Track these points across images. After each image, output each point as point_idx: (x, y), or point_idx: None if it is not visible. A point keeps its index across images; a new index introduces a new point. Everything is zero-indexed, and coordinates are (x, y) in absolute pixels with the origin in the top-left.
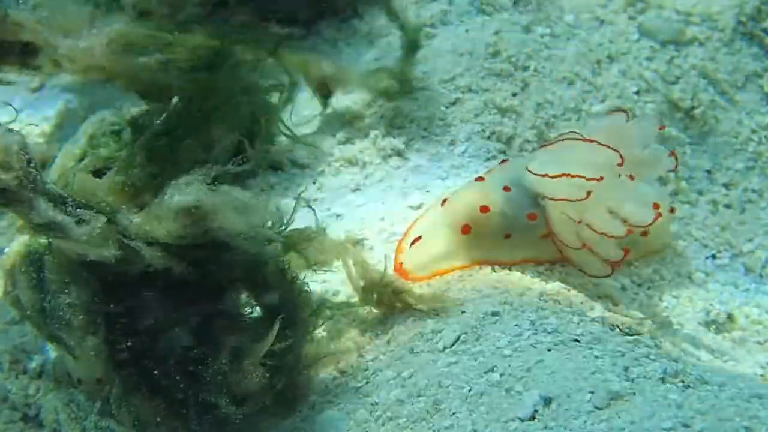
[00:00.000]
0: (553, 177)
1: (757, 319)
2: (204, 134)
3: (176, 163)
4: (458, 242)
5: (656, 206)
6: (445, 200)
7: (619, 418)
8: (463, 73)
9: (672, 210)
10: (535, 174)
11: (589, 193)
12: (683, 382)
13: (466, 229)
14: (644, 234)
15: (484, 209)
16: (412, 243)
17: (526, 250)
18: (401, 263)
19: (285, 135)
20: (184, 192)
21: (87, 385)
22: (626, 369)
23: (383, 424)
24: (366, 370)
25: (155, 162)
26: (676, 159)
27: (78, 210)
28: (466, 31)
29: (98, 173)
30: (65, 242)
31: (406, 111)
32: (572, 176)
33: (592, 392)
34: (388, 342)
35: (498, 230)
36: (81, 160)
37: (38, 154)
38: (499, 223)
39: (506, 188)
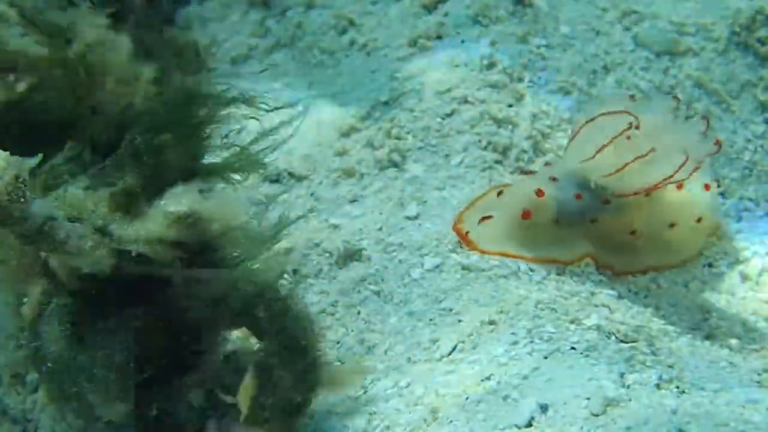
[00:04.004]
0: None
1: (753, 327)
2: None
3: (164, 169)
4: (520, 228)
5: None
6: (500, 192)
7: (614, 423)
8: (459, 84)
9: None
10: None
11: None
12: (678, 387)
13: (526, 214)
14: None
15: (540, 193)
16: (481, 220)
17: (579, 241)
18: (467, 232)
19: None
20: (178, 199)
21: None
22: (622, 375)
23: None
24: (363, 379)
25: (143, 170)
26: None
27: (68, 222)
28: (462, 42)
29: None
30: (58, 255)
31: (403, 122)
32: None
33: (588, 399)
34: (386, 352)
35: (551, 216)
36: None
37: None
38: (553, 207)
39: (553, 178)
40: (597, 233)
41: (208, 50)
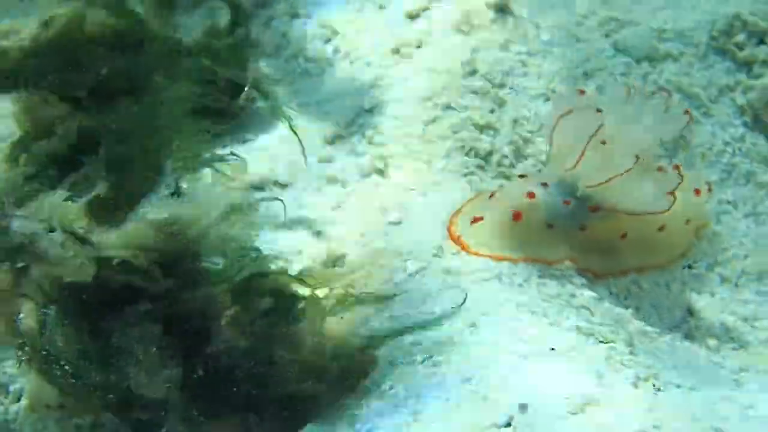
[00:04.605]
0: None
1: (731, 326)
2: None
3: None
4: (511, 230)
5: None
6: (492, 195)
7: (592, 421)
8: (442, 91)
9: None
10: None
11: None
12: (655, 386)
13: (517, 216)
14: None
15: (531, 195)
16: (473, 221)
17: (568, 243)
18: (459, 236)
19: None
20: (157, 207)
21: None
22: (600, 375)
23: None
24: None
25: (119, 178)
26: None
27: (50, 233)
28: (444, 50)
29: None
30: (40, 266)
31: (386, 129)
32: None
33: (567, 398)
34: None
35: (542, 219)
36: None
37: None
38: (543, 210)
39: (544, 184)
40: (588, 237)
41: None
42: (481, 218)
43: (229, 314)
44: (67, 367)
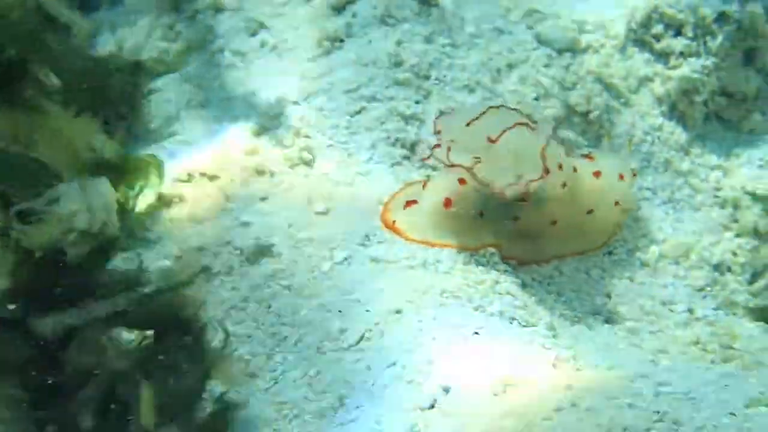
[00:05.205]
0: None
1: (650, 310)
2: None
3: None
4: (442, 216)
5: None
6: (425, 183)
7: (513, 402)
8: (367, 83)
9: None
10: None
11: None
12: (573, 366)
13: (447, 203)
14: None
15: (462, 181)
16: (406, 204)
17: (497, 231)
18: (394, 221)
19: None
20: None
21: None
22: (521, 357)
23: (290, 422)
24: (275, 371)
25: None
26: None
27: None
28: (370, 42)
29: None
30: None
31: (312, 121)
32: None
33: (489, 380)
34: (296, 343)
35: (472, 207)
36: None
37: None
38: (473, 198)
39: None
40: (519, 227)
41: None
42: (415, 201)
43: None
44: None
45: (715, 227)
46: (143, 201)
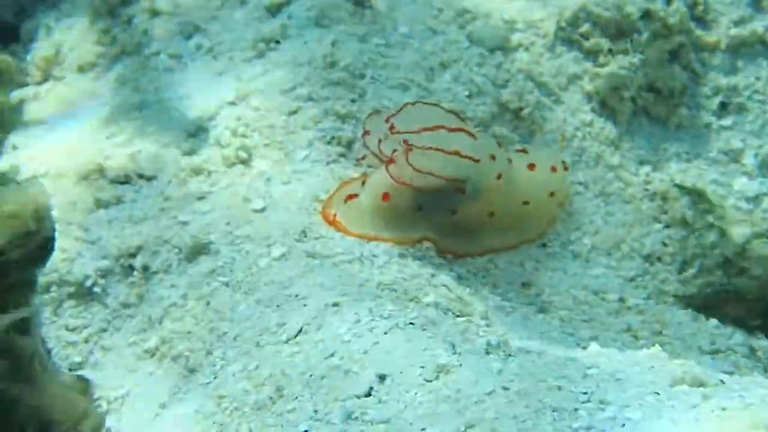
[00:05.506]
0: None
1: (583, 300)
2: None
3: None
4: (381, 211)
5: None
6: (364, 180)
7: (446, 387)
8: (303, 83)
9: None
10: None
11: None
12: (505, 352)
13: (386, 197)
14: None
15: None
16: (347, 199)
17: (433, 225)
18: (334, 215)
19: None
20: None
21: None
22: (454, 345)
23: (230, 414)
24: (214, 366)
25: None
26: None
27: None
28: (305, 43)
29: None
30: None
31: (249, 120)
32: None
33: (423, 367)
34: (235, 338)
35: (410, 201)
36: None
37: None
38: (411, 192)
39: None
40: (457, 220)
41: None
42: (356, 195)
43: None
44: None
45: (645, 219)
46: None
